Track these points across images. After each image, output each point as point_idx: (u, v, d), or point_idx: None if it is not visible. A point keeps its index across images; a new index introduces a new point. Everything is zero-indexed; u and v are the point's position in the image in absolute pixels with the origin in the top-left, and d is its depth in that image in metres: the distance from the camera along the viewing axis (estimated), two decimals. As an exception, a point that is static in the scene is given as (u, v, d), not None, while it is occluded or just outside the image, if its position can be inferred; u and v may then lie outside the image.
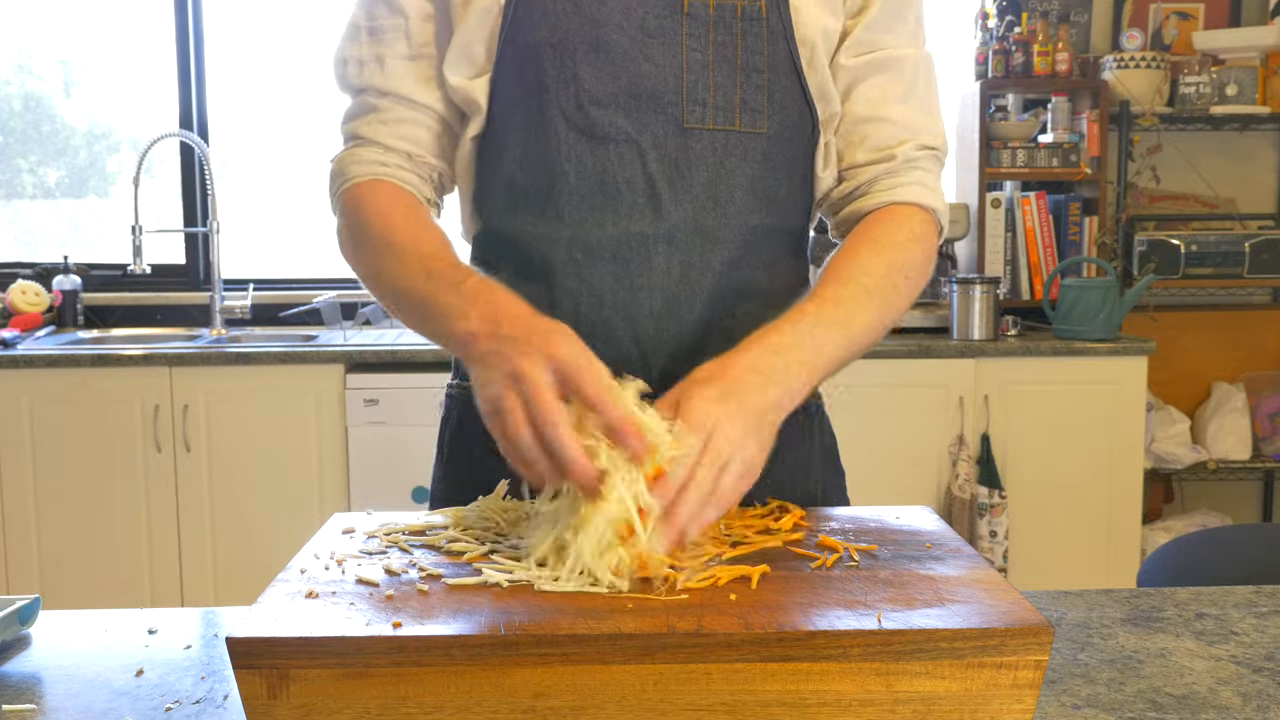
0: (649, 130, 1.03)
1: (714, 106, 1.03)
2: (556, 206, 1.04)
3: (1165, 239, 3.43)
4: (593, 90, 1.02)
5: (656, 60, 1.02)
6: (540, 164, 1.04)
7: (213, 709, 0.77)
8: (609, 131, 1.02)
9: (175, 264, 3.64)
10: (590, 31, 1.02)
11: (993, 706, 0.69)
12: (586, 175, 1.03)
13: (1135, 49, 3.52)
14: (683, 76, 1.03)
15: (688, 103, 1.03)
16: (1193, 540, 1.79)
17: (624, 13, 1.02)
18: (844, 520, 0.93)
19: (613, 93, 1.02)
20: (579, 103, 1.02)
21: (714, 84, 1.03)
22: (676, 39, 1.03)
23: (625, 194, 1.03)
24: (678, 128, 1.03)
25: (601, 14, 1.02)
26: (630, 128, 1.03)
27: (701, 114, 1.03)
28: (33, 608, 0.90)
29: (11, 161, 3.77)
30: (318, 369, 2.98)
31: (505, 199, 1.08)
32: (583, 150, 1.03)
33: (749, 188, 1.05)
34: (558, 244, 1.04)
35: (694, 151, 1.03)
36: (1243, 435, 3.47)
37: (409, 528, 0.90)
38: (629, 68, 1.02)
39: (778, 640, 0.68)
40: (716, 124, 1.03)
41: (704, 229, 1.04)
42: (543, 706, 0.68)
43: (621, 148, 1.03)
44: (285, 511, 2.99)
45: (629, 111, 1.02)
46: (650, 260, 1.04)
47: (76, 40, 3.74)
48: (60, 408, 2.96)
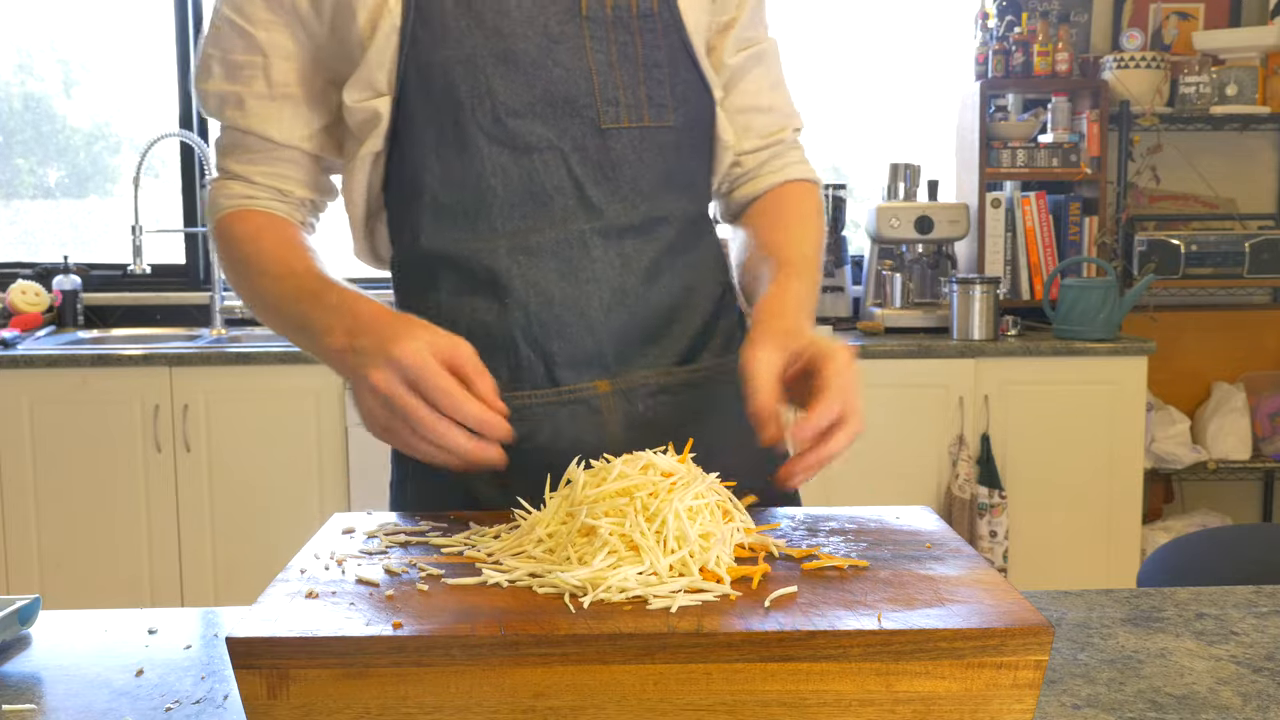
0: (569, 134, 1.04)
1: (625, 105, 1.05)
2: (489, 219, 1.05)
3: (1165, 239, 3.43)
4: (508, 102, 1.02)
5: (565, 65, 1.03)
6: (465, 181, 1.04)
7: (213, 709, 0.77)
8: (530, 140, 1.03)
9: (175, 264, 3.64)
10: (496, 44, 1.02)
11: (993, 706, 0.69)
12: (514, 186, 1.04)
13: (1135, 49, 3.52)
14: (592, 79, 1.04)
15: (601, 103, 1.04)
16: (1193, 540, 1.79)
17: (526, 22, 1.02)
18: (844, 520, 0.93)
19: (528, 101, 1.03)
20: (496, 115, 1.03)
21: (622, 83, 1.05)
22: (580, 42, 1.04)
23: (555, 199, 1.05)
24: (595, 129, 1.04)
25: (505, 25, 1.02)
26: (550, 134, 1.04)
27: (615, 113, 1.05)
28: (33, 608, 0.90)
29: (11, 161, 3.77)
30: (318, 369, 2.97)
31: (431, 218, 1.07)
32: (506, 162, 1.04)
33: (668, 179, 1.09)
34: (497, 253, 1.05)
35: (614, 151, 1.05)
36: (1243, 435, 3.47)
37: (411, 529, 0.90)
38: (540, 75, 1.03)
39: (778, 640, 0.68)
40: (630, 121, 1.06)
41: (634, 223, 1.07)
42: (543, 706, 0.68)
43: (545, 155, 1.04)
44: (285, 511, 2.99)
45: (546, 118, 1.03)
46: (590, 255, 1.06)
47: (76, 40, 3.74)
48: (60, 408, 2.96)
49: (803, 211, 1.16)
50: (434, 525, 0.91)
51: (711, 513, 0.81)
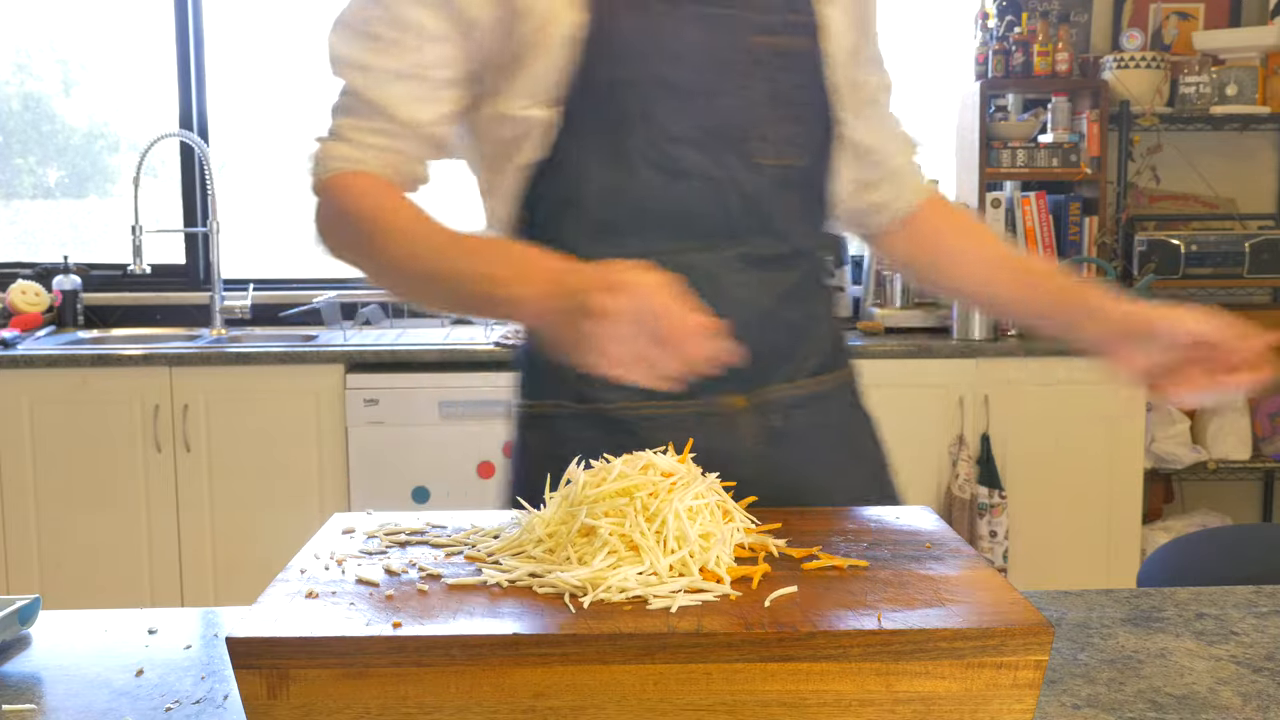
0: (723, 165, 1.06)
1: (775, 141, 1.08)
2: (641, 237, 1.06)
3: (1165, 239, 3.43)
4: (671, 128, 1.04)
5: (729, 97, 1.06)
6: (619, 198, 1.06)
7: (213, 709, 0.77)
8: (686, 167, 1.05)
9: (175, 264, 3.64)
10: (669, 70, 1.04)
11: (993, 706, 0.69)
12: (667, 209, 1.06)
13: (1135, 49, 3.52)
14: (750, 113, 1.07)
15: (755, 139, 1.07)
16: (1193, 540, 1.79)
17: (698, 52, 1.04)
18: (844, 520, 0.93)
19: (689, 130, 1.05)
20: (657, 140, 1.04)
21: (773, 120, 1.08)
22: (745, 77, 1.06)
23: (705, 225, 1.07)
24: (747, 162, 1.07)
25: (681, 51, 1.04)
26: (706, 163, 1.06)
27: (766, 149, 1.08)
28: (33, 608, 0.90)
29: (11, 161, 3.77)
30: (318, 369, 2.98)
31: (584, 230, 1.07)
32: (662, 186, 1.05)
33: (803, 213, 1.13)
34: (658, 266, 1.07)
35: (762, 184, 1.08)
36: (1243, 435, 3.47)
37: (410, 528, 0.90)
38: (705, 106, 1.05)
39: (778, 640, 0.68)
40: (778, 158, 1.09)
41: (776, 254, 1.10)
42: (543, 706, 0.68)
43: (699, 183, 1.06)
44: (285, 511, 2.99)
45: (704, 148, 1.05)
46: (734, 279, 1.09)
47: (76, 40, 3.74)
48: (60, 408, 2.96)
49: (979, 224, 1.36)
50: (434, 525, 0.91)
51: (711, 513, 0.81)
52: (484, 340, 3.11)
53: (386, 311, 3.45)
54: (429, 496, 2.99)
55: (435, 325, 3.44)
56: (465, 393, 2.97)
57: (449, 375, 2.98)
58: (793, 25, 1.09)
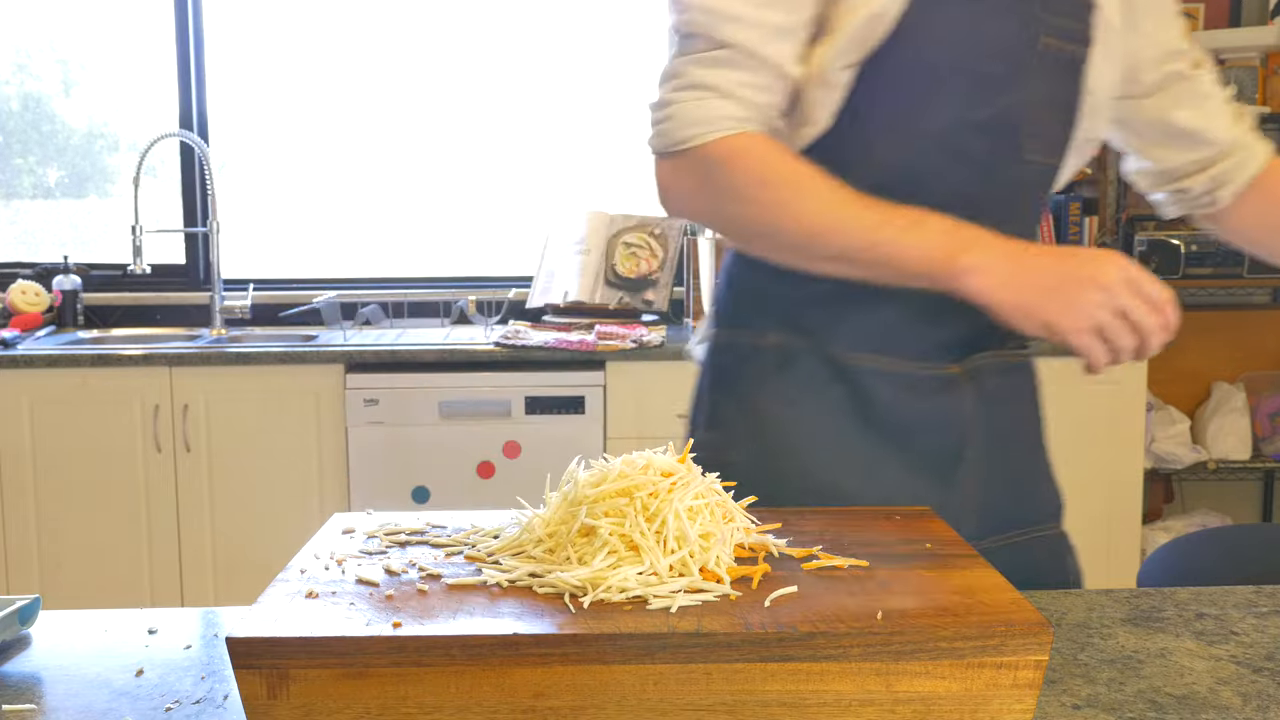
0: (996, 154, 1.10)
1: (1043, 141, 1.12)
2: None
3: (1165, 239, 3.43)
4: (963, 115, 1.07)
5: (1017, 93, 1.08)
6: (900, 174, 1.09)
7: (213, 709, 0.77)
8: (969, 153, 1.09)
9: (175, 264, 3.64)
10: (974, 60, 1.06)
11: (993, 706, 0.69)
12: (942, 192, 1.08)
13: (1135, 49, 3.51)
14: (1029, 110, 1.10)
15: (1027, 136, 1.10)
16: (1193, 540, 1.79)
17: (1000, 45, 1.07)
18: (844, 519, 0.93)
19: (980, 118, 1.08)
20: (953, 124, 1.07)
21: (1043, 119, 1.11)
22: (1032, 75, 1.09)
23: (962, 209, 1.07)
24: (1016, 157, 1.11)
25: (989, 44, 1.07)
26: (983, 151, 1.09)
27: (1034, 147, 1.12)
28: (33, 608, 0.90)
29: (11, 161, 3.77)
30: (318, 369, 2.98)
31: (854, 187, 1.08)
32: (943, 166, 1.09)
33: (1037, 210, 1.18)
34: None
35: (1021, 179, 1.13)
36: (1243, 435, 3.47)
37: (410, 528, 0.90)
38: (998, 98, 1.08)
39: (778, 640, 0.68)
40: (1042, 157, 1.13)
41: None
42: (543, 706, 0.68)
43: (971, 170, 1.09)
44: (285, 511, 2.99)
45: (987, 137, 1.09)
46: None
47: (75, 40, 3.74)
48: (60, 408, 2.96)
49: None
50: (434, 525, 0.91)
51: (711, 513, 0.81)
52: (484, 340, 3.11)
53: (386, 311, 3.45)
54: (429, 496, 2.99)
55: (435, 325, 3.44)
56: (465, 393, 2.97)
57: (449, 375, 2.98)
58: (1074, 33, 1.11)
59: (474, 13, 3.69)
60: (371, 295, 3.49)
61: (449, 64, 3.71)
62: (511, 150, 3.76)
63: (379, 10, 3.68)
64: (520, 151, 3.76)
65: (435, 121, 3.73)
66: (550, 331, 3.21)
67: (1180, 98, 1.23)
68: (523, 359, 2.99)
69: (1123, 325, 0.98)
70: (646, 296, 3.44)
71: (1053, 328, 0.99)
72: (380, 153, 3.75)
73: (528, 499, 0.90)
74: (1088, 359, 1.00)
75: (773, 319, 1.15)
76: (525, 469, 2.98)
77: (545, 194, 3.76)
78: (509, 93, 3.72)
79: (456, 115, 3.73)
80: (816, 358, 1.13)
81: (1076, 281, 0.98)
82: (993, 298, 1.00)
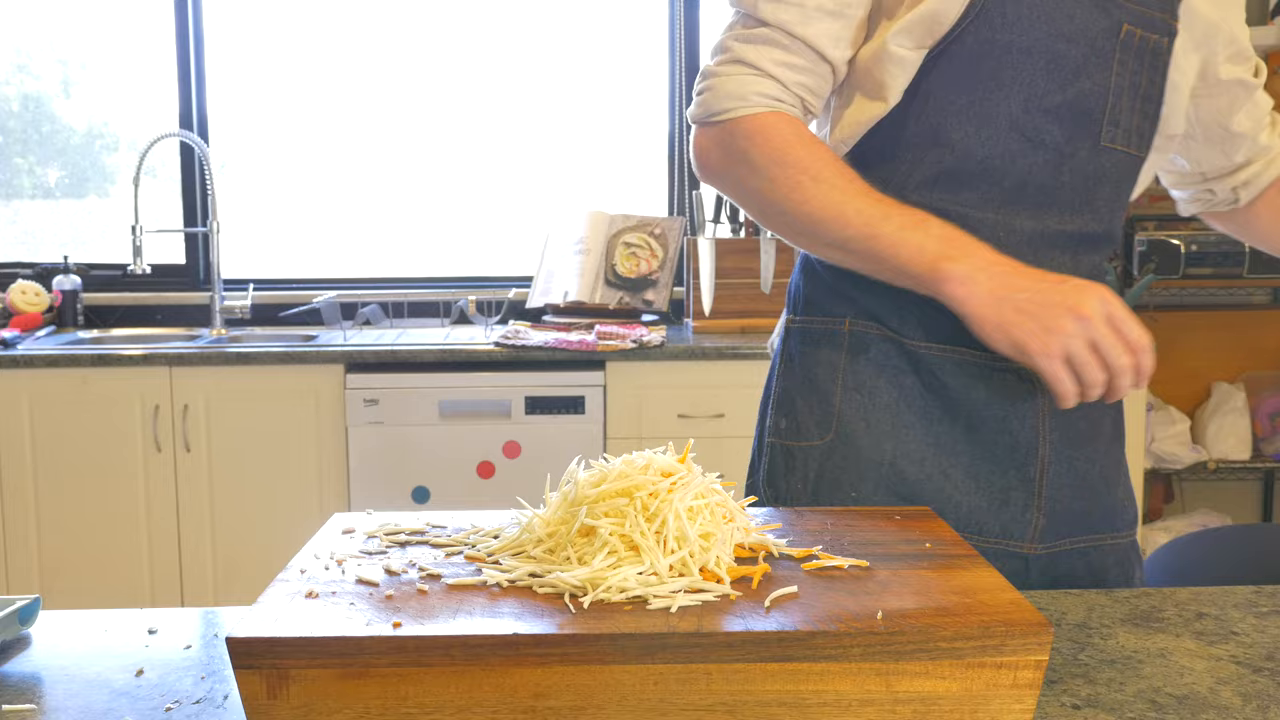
0: (1074, 141, 1.09)
1: (1123, 129, 1.12)
2: (977, 193, 1.10)
3: (1165, 239, 3.43)
4: (1041, 99, 1.07)
5: (1095, 79, 1.08)
6: (973, 154, 1.09)
7: (213, 709, 0.77)
8: (1043, 138, 1.09)
9: (175, 264, 3.64)
10: (1052, 43, 1.06)
11: (993, 706, 0.69)
12: (1013, 174, 1.09)
13: (1135, 49, 3.51)
14: (1107, 98, 1.09)
15: (1106, 123, 1.10)
16: (1193, 540, 1.79)
17: (1081, 30, 1.07)
18: (844, 520, 0.93)
19: (1057, 103, 1.08)
20: (1026, 107, 1.07)
21: (1125, 108, 1.11)
22: (1110, 62, 1.09)
23: (1039, 195, 1.10)
24: (1095, 145, 1.10)
25: (1065, 27, 1.07)
26: (1060, 137, 1.09)
27: (1114, 134, 1.11)
28: (33, 608, 0.90)
29: (11, 161, 3.77)
30: (318, 369, 2.98)
31: (926, 170, 1.11)
32: (1016, 151, 1.09)
33: (1120, 200, 1.17)
34: (982, 223, 1.10)
35: (1101, 167, 1.12)
36: (1243, 435, 3.47)
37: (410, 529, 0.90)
38: (1075, 83, 1.08)
39: (778, 640, 0.68)
40: (1122, 145, 1.12)
41: (1092, 232, 1.14)
42: (543, 706, 0.68)
43: (1048, 154, 1.09)
44: (285, 511, 3.00)
45: (1063, 122, 1.09)
46: (1050, 250, 1.12)
47: (75, 40, 3.74)
48: (60, 408, 2.96)
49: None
50: (434, 525, 0.91)
51: (712, 513, 0.81)
52: (484, 340, 3.11)
53: (386, 311, 3.45)
54: (429, 496, 2.99)
55: (435, 325, 3.44)
56: (465, 393, 2.97)
57: (449, 375, 2.98)
58: (1157, 22, 1.11)
59: (475, 13, 3.69)
60: (371, 295, 3.49)
61: (449, 64, 3.71)
62: (511, 150, 3.76)
63: (379, 10, 3.68)
64: (520, 151, 3.76)
65: (435, 121, 3.73)
66: (550, 331, 3.21)
67: (1240, 101, 1.23)
68: (523, 359, 2.99)
69: (1094, 359, 0.97)
70: (646, 296, 3.44)
71: (1023, 348, 0.98)
72: (380, 152, 3.75)
73: (528, 499, 0.91)
74: (1053, 387, 0.99)
75: (847, 307, 1.16)
76: (525, 469, 2.98)
77: (545, 194, 3.76)
78: (509, 93, 3.72)
79: (457, 115, 3.73)
80: (890, 345, 1.14)
81: (1055, 307, 0.98)
82: (969, 308, 1.00)
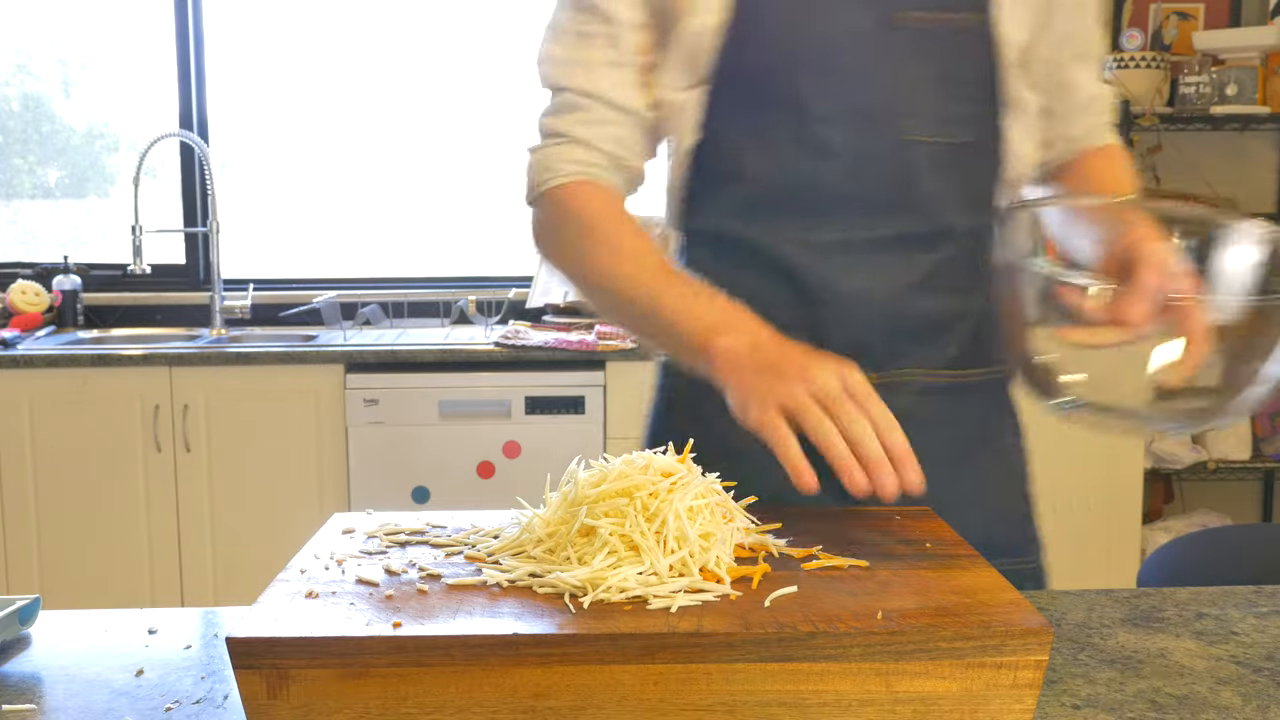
0: (870, 144, 1.06)
1: (929, 119, 1.07)
2: (783, 214, 1.08)
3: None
4: (817, 109, 1.05)
5: (877, 77, 1.05)
6: (765, 176, 1.07)
7: (213, 709, 0.77)
8: (833, 147, 1.05)
9: (175, 264, 3.64)
10: (815, 52, 1.04)
11: (993, 706, 0.69)
12: (812, 188, 1.07)
13: (1135, 49, 3.52)
14: (899, 92, 1.06)
15: (904, 116, 1.06)
16: (1193, 540, 1.79)
17: (845, 32, 1.04)
18: (844, 520, 0.93)
19: (836, 110, 1.05)
20: (803, 121, 1.05)
21: (926, 97, 1.07)
22: (891, 54, 1.05)
23: (850, 204, 1.07)
24: (897, 142, 1.06)
25: (825, 34, 1.04)
26: (852, 142, 1.06)
27: (917, 126, 1.06)
28: (33, 608, 0.90)
29: (11, 161, 3.77)
30: (318, 369, 2.98)
31: (729, 204, 1.10)
32: (807, 166, 1.06)
33: (960, 194, 1.09)
34: (785, 243, 1.08)
35: (911, 162, 1.07)
36: (1243, 435, 3.47)
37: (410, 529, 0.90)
38: (852, 86, 1.05)
39: (778, 640, 0.68)
40: (930, 136, 1.07)
41: (921, 233, 1.08)
42: (543, 706, 0.68)
43: (845, 162, 1.06)
44: (285, 511, 2.99)
45: (851, 127, 1.05)
46: (874, 259, 1.08)
47: (75, 40, 3.74)
48: (60, 408, 2.96)
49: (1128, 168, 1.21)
50: (434, 525, 0.91)
51: (712, 512, 0.81)
52: (484, 340, 3.11)
53: (386, 311, 3.45)
54: (429, 496, 2.99)
55: (435, 325, 3.44)
56: (465, 393, 2.97)
57: (449, 375, 2.98)
58: (954, 2, 1.07)
59: (475, 13, 3.69)
60: (371, 295, 3.49)
61: (449, 63, 3.71)
62: (512, 150, 3.76)
63: (379, 10, 3.68)
64: (520, 151, 3.75)
65: (435, 121, 3.73)
66: (550, 331, 3.21)
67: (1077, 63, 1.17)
68: (523, 359, 2.99)
69: (815, 408, 0.87)
70: (646, 296, 3.43)
71: (740, 405, 0.90)
72: (380, 152, 3.75)
73: (528, 499, 0.90)
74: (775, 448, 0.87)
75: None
76: (525, 469, 2.98)
77: (545, 194, 3.75)
78: (509, 92, 3.72)
79: (457, 115, 3.73)
80: None
81: (786, 369, 0.90)
82: (722, 377, 0.94)
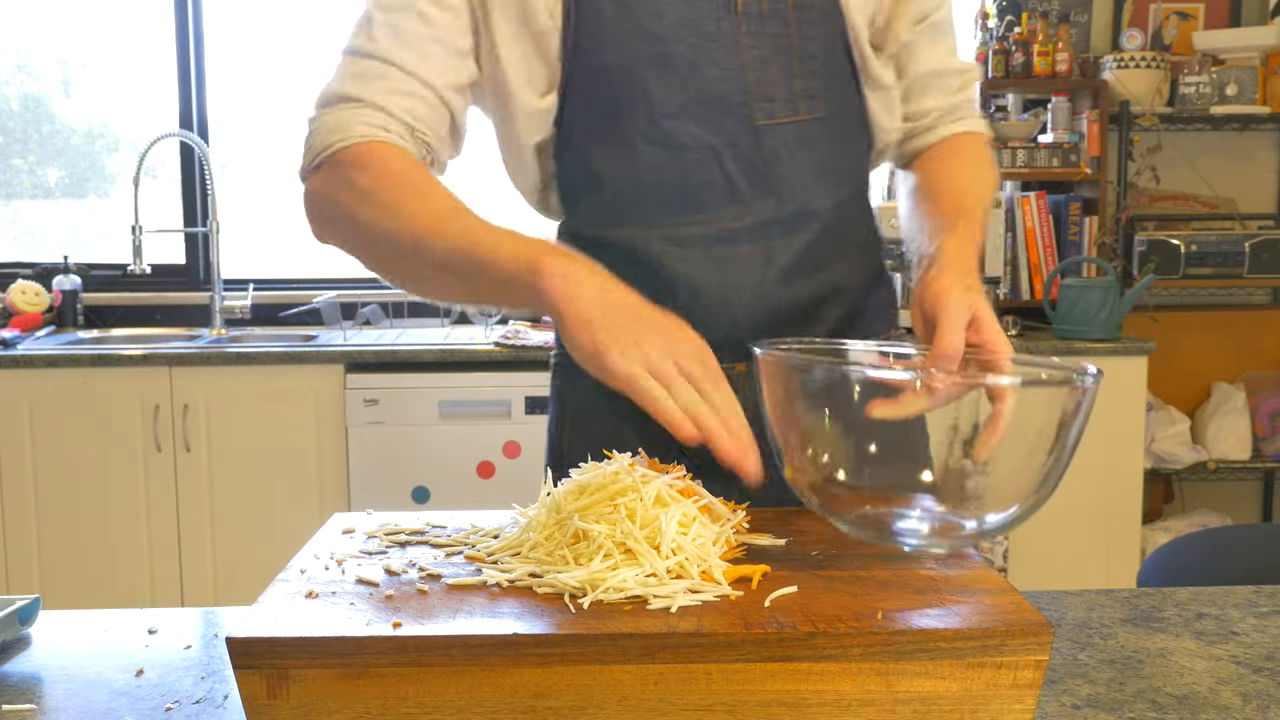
0: (722, 132, 1.06)
1: (779, 100, 1.06)
2: (647, 211, 1.08)
3: (1165, 239, 3.43)
4: (663, 104, 1.05)
5: (720, 64, 1.05)
6: (623, 177, 1.08)
7: (213, 709, 0.77)
8: (684, 140, 1.06)
9: (175, 264, 3.64)
10: (653, 47, 1.04)
11: (993, 706, 0.69)
12: (668, 183, 1.07)
13: (1135, 49, 3.52)
14: (746, 76, 1.05)
15: (755, 100, 1.06)
16: (1193, 540, 1.79)
17: (680, 24, 1.04)
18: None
19: (683, 103, 1.05)
20: (652, 118, 1.05)
21: (776, 78, 1.06)
22: (734, 40, 1.05)
23: (707, 195, 1.07)
24: (749, 126, 1.06)
25: (661, 28, 1.04)
26: (704, 133, 1.06)
27: (769, 109, 1.06)
28: (33, 608, 0.90)
29: (11, 161, 3.77)
30: (318, 369, 2.98)
31: (596, 204, 1.11)
32: (662, 162, 1.06)
33: (819, 170, 1.09)
34: (651, 242, 1.08)
35: (767, 147, 1.07)
36: (1243, 435, 3.47)
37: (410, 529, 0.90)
38: (695, 77, 1.04)
39: (778, 640, 0.68)
40: (784, 116, 1.07)
41: (782, 217, 1.08)
42: (543, 706, 0.68)
43: (698, 154, 1.06)
44: (285, 511, 2.99)
45: (700, 118, 1.05)
46: (736, 250, 1.08)
47: (75, 40, 3.74)
48: (60, 408, 2.96)
49: (980, 159, 1.19)
50: (434, 525, 0.91)
51: (704, 525, 0.80)
52: (484, 340, 3.11)
53: (386, 311, 3.45)
54: (429, 496, 2.99)
55: (435, 325, 3.44)
56: (465, 393, 2.97)
57: (449, 375, 2.98)
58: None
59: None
60: (371, 295, 3.49)
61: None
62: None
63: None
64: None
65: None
66: (550, 331, 3.21)
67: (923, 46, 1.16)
68: (523, 359, 2.99)
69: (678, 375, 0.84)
70: (646, 296, 3.43)
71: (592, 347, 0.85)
72: (380, 153, 3.74)
73: (528, 499, 0.91)
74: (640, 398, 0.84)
75: None
76: (525, 469, 2.98)
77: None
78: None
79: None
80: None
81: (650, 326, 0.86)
82: (563, 306, 0.87)
